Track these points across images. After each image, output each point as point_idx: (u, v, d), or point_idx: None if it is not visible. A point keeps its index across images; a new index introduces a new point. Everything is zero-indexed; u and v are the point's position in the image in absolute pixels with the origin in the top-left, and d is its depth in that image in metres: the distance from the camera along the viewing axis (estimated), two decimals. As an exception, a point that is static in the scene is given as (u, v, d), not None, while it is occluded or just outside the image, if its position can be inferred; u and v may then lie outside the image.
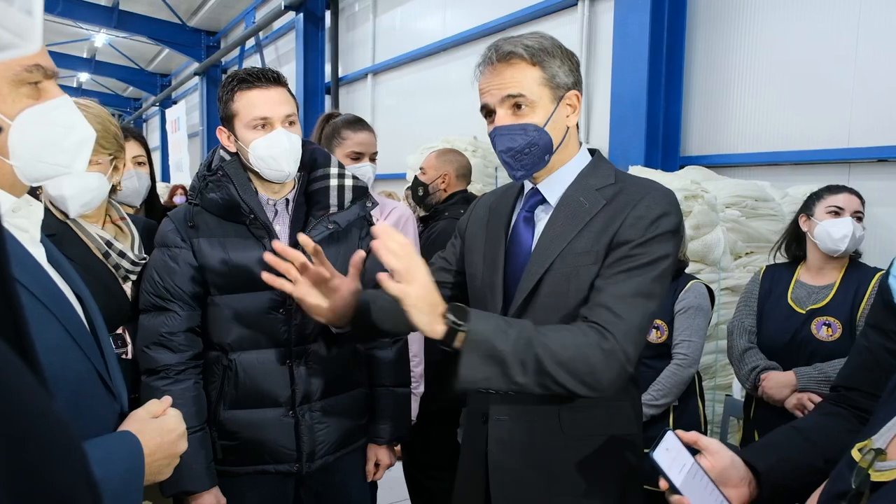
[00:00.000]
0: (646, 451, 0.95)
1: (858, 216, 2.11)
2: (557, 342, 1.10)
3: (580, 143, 1.33)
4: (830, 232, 2.08)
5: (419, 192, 2.62)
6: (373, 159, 2.16)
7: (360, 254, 1.30)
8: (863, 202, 2.15)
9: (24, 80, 0.83)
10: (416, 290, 1.06)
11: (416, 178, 2.68)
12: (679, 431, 0.99)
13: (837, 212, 2.10)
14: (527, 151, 1.23)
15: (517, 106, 1.22)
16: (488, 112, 1.26)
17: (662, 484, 0.95)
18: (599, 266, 1.20)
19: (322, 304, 1.30)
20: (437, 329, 1.08)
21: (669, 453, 0.96)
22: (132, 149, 2.13)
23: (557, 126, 1.24)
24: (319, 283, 1.30)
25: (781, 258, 2.31)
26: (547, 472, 1.25)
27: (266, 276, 1.27)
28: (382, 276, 1.06)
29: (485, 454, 1.29)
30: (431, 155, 2.69)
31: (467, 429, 1.40)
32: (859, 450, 0.79)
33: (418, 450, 2.51)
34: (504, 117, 1.23)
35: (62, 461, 0.37)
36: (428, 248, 2.40)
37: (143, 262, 1.57)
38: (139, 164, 2.16)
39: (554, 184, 1.29)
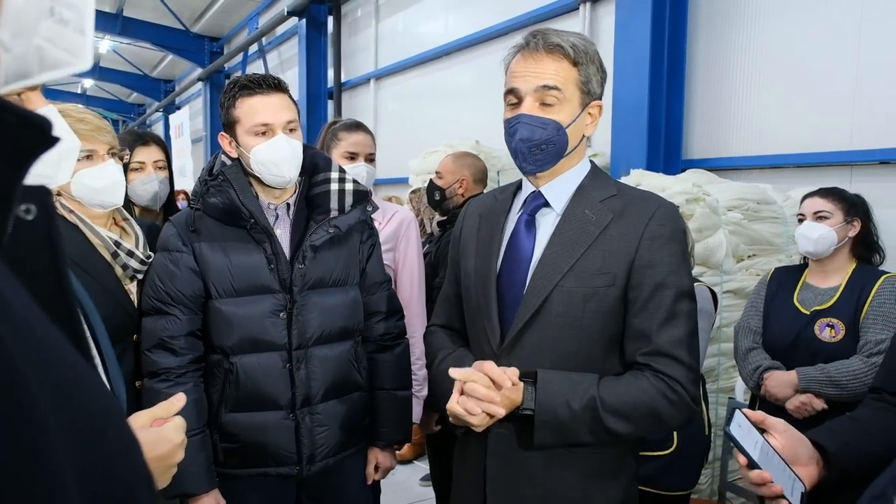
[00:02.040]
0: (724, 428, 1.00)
1: (820, 216, 2.15)
2: (622, 402, 1.16)
3: (585, 154, 1.33)
4: (795, 237, 2.26)
5: (436, 197, 2.57)
6: (370, 160, 2.16)
7: None
8: (835, 199, 2.16)
9: (5, 92, 0.82)
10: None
11: (431, 181, 2.62)
12: (746, 410, 1.01)
13: (801, 219, 2.21)
14: (543, 147, 1.22)
15: (547, 103, 1.21)
16: (514, 99, 1.24)
17: (741, 459, 0.96)
18: (621, 291, 1.20)
19: None
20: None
21: (742, 430, 0.97)
22: (153, 153, 2.15)
23: (576, 131, 1.25)
24: None
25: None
26: (544, 487, 1.24)
27: None
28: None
29: (483, 467, 1.29)
30: (448, 159, 2.65)
31: (463, 443, 1.39)
32: None
33: (446, 455, 2.48)
34: (531, 107, 1.21)
35: (125, 457, 0.38)
36: (445, 253, 2.39)
37: (151, 260, 1.58)
38: (160, 168, 2.17)
39: (557, 189, 1.28)
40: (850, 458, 0.99)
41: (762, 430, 1.02)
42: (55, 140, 0.39)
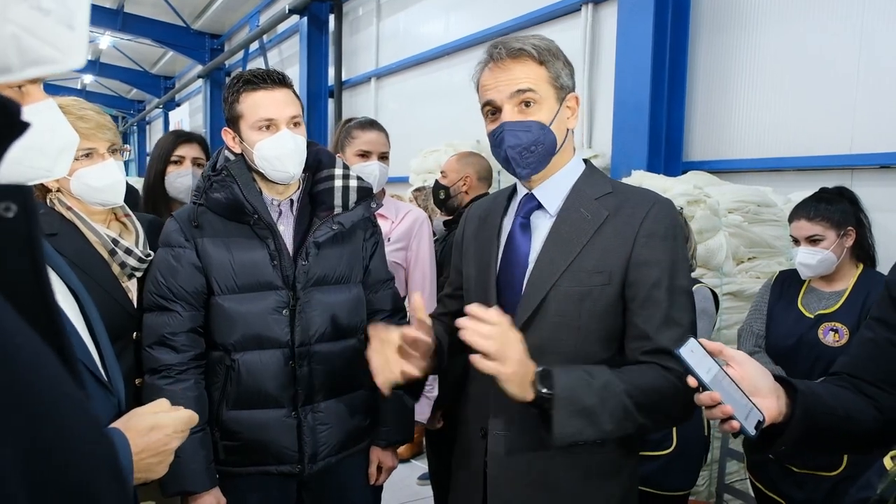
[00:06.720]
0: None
1: (814, 239, 2.07)
2: (639, 389, 1.14)
3: (574, 150, 1.33)
4: (794, 260, 2.16)
5: (440, 196, 2.59)
6: (383, 159, 2.16)
7: (417, 299, 1.23)
8: (822, 220, 2.07)
9: (6, 84, 0.80)
10: (509, 368, 1.07)
11: (436, 181, 2.65)
12: (702, 339, 0.99)
13: (796, 240, 2.14)
14: (532, 149, 1.22)
15: (525, 104, 1.21)
16: (492, 109, 1.25)
17: (691, 381, 0.94)
18: (618, 289, 1.20)
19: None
20: (528, 396, 1.11)
21: (694, 355, 0.95)
22: (194, 150, 2.21)
23: (560, 127, 1.25)
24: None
25: None
26: (546, 487, 1.24)
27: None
28: (475, 358, 1.07)
29: (483, 470, 1.28)
30: (452, 158, 2.67)
31: (463, 444, 1.38)
32: (892, 458, 0.79)
33: (444, 454, 2.48)
34: (511, 113, 1.22)
35: (81, 446, 0.37)
36: (450, 253, 2.39)
37: (150, 258, 1.57)
38: (198, 164, 2.22)
39: (550, 189, 1.28)
40: (816, 404, 0.99)
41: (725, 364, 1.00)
42: (25, 126, 0.38)
